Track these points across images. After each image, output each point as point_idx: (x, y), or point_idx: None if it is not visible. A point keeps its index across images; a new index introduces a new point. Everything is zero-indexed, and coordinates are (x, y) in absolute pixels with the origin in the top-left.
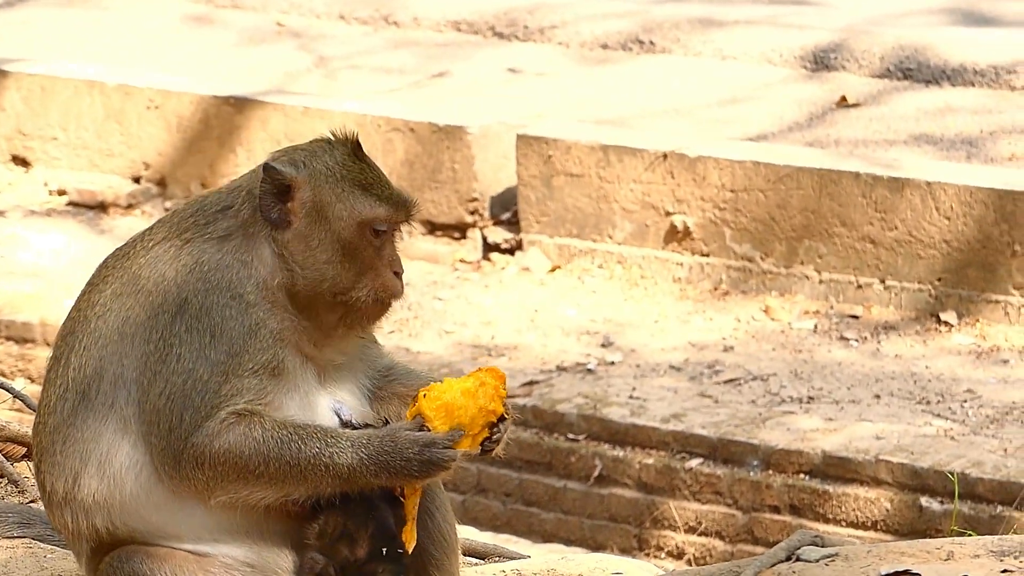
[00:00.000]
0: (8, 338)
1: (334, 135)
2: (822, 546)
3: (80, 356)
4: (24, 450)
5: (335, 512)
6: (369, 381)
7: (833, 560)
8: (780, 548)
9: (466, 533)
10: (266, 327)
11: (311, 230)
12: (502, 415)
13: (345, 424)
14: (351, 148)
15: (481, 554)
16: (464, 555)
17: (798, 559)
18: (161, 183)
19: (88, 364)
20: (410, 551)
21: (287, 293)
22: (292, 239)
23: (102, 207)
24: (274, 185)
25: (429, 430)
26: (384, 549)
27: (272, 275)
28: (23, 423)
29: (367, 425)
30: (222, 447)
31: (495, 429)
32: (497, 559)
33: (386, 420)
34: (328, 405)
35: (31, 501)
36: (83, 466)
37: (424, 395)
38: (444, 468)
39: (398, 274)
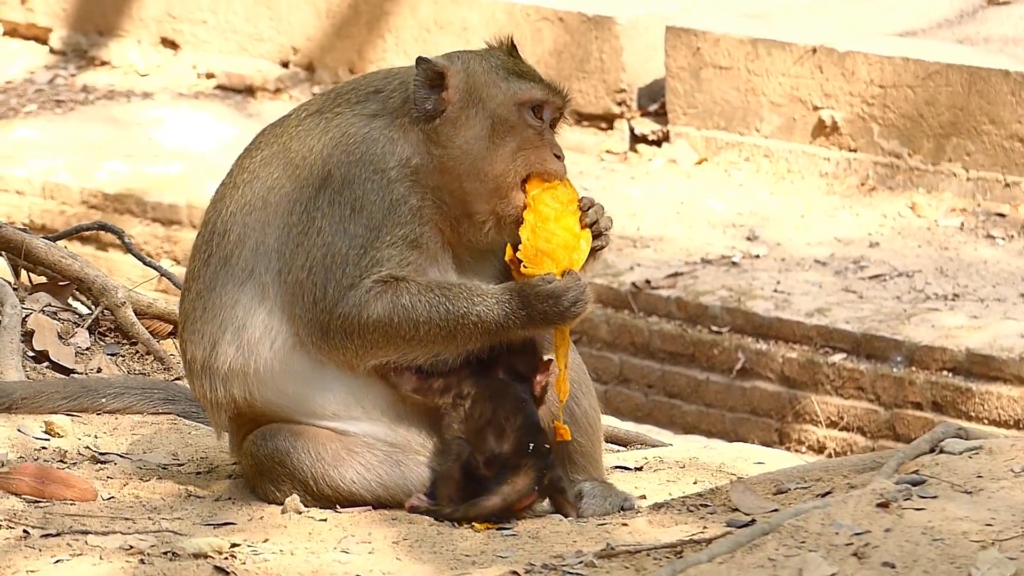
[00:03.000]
0: (155, 219)
1: (489, 45)
2: (966, 439)
3: (225, 222)
4: (170, 328)
5: (483, 394)
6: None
7: (977, 453)
8: (924, 440)
9: (609, 422)
10: (406, 203)
11: (464, 114)
12: (580, 201)
13: None
14: (507, 48)
15: (624, 441)
16: (607, 442)
17: (942, 451)
18: (309, 68)
19: (232, 230)
20: (564, 400)
21: (431, 176)
22: (444, 125)
23: (250, 91)
24: (427, 77)
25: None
26: (531, 444)
27: (415, 155)
28: (169, 302)
29: None
30: (371, 316)
31: (585, 218)
32: (640, 446)
33: None
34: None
35: (177, 378)
36: (221, 333)
37: (522, 265)
38: (583, 307)
39: (558, 156)
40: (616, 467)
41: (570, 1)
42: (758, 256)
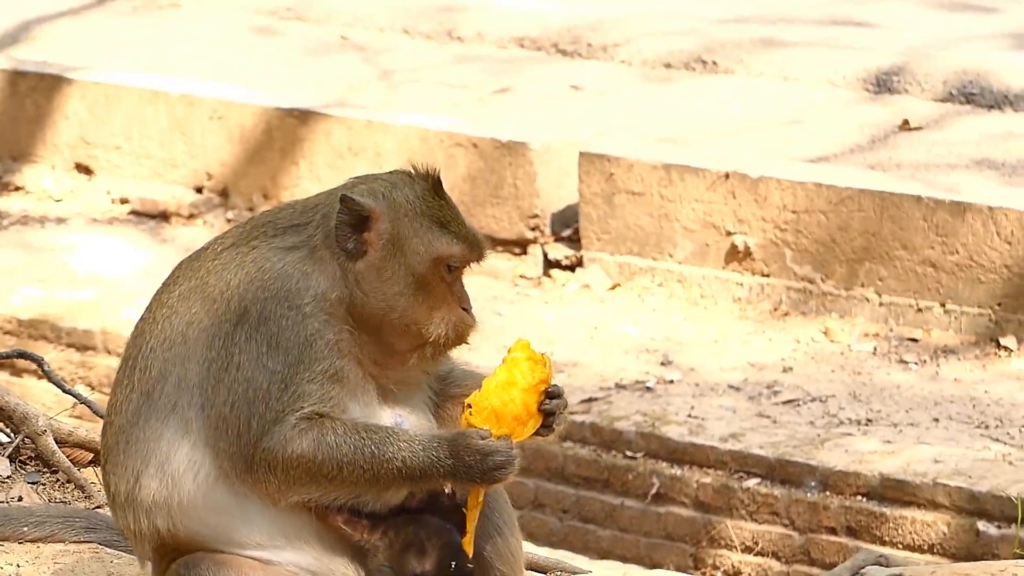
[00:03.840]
0: (69, 345)
1: (415, 169)
2: (886, 566)
3: (146, 358)
4: (91, 456)
5: (407, 522)
6: (430, 390)
7: None
8: (844, 568)
9: (527, 548)
10: (322, 338)
11: (385, 262)
12: (552, 387)
13: None
14: (431, 184)
15: (543, 568)
16: (527, 569)
17: None
18: (223, 193)
19: (153, 366)
20: (470, 556)
21: (348, 310)
22: (365, 269)
23: (164, 216)
24: (352, 216)
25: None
26: (452, 563)
27: (332, 288)
28: (89, 430)
29: None
30: (295, 452)
31: (546, 403)
32: (559, 573)
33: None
34: (390, 418)
35: (98, 506)
36: (144, 466)
37: (470, 411)
38: (506, 474)
39: (466, 310)
40: None
41: (484, 127)
42: (672, 381)
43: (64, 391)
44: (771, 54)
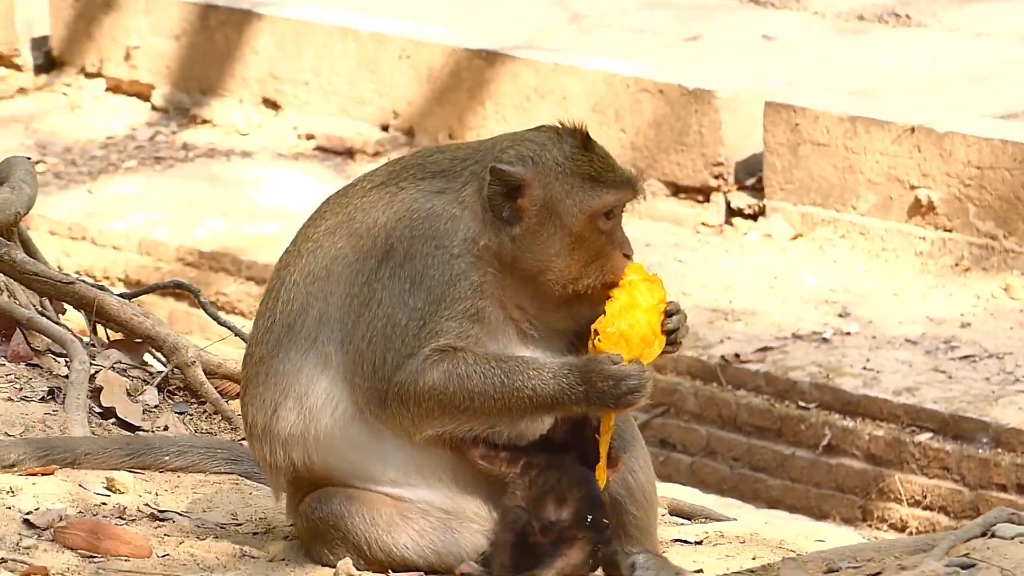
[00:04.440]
0: (249, 278)
1: (562, 125)
2: (1019, 523)
3: (289, 290)
4: (239, 388)
5: (549, 465)
6: (574, 336)
7: None
8: (976, 523)
9: (690, 496)
10: (467, 279)
11: (542, 226)
12: (668, 305)
13: None
14: (580, 140)
15: (688, 515)
16: (670, 515)
17: (993, 535)
18: (409, 132)
19: (296, 299)
20: (603, 485)
21: (496, 255)
22: (522, 234)
23: (349, 153)
24: (504, 185)
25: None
26: (589, 516)
27: (481, 234)
28: (239, 362)
29: None
30: (426, 384)
31: (668, 322)
32: (703, 520)
33: None
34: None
35: (242, 439)
36: (282, 399)
37: (597, 337)
38: (639, 398)
39: (628, 255)
40: (676, 540)
41: (672, 74)
42: (849, 333)
43: (219, 322)
44: (965, 9)
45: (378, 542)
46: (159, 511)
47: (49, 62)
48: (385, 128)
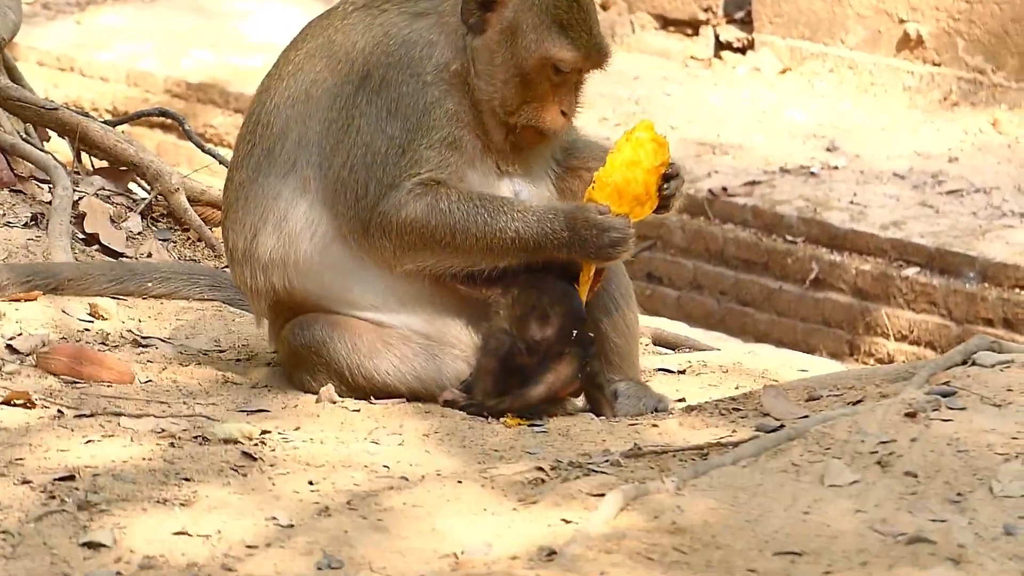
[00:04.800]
0: (237, 110)
1: None
2: (999, 352)
3: (269, 113)
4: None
5: (530, 284)
6: (552, 161)
7: (1009, 366)
8: (956, 351)
9: (677, 329)
10: (441, 107)
11: (499, 47)
12: (670, 168)
13: None
14: None
15: (671, 344)
16: (655, 344)
17: (974, 363)
18: None
19: (275, 122)
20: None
21: (466, 80)
22: (480, 48)
23: None
24: None
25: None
26: (574, 331)
27: (454, 59)
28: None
29: None
30: (409, 216)
31: (665, 187)
32: (687, 350)
33: None
34: (508, 188)
35: (225, 266)
36: (262, 223)
37: (592, 186)
38: (621, 252)
39: (565, 114)
40: (660, 369)
41: None
42: (837, 167)
43: (203, 150)
44: None
45: (360, 368)
46: (142, 337)
47: None
48: None
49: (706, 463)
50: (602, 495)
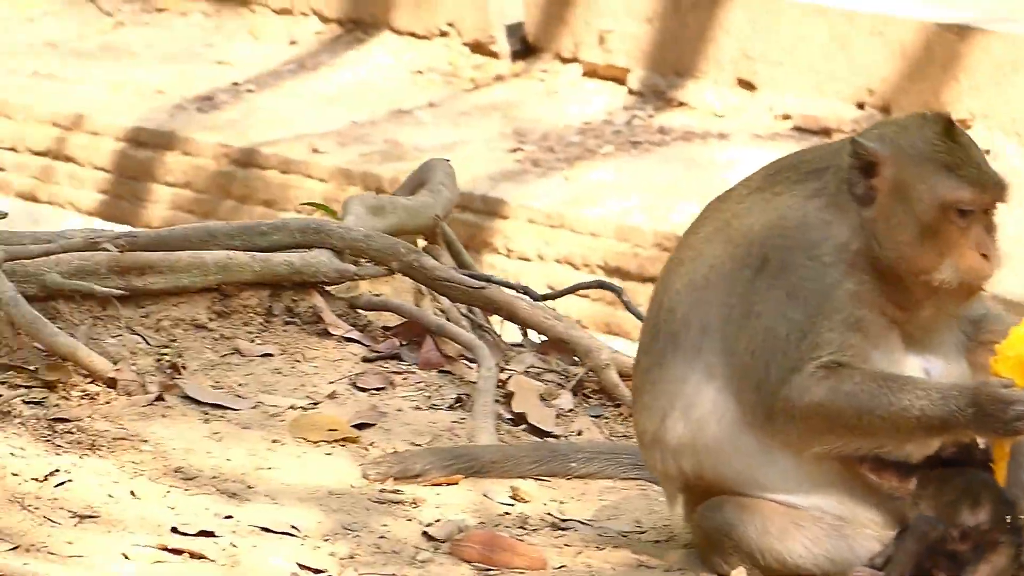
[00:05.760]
0: None
1: (929, 112)
2: None
3: (672, 299)
4: None
5: (953, 473)
6: (962, 335)
7: None
8: None
9: None
10: (842, 288)
11: (893, 209)
12: None
13: None
14: (943, 126)
15: None
16: None
17: None
18: (885, 109)
19: (678, 308)
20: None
21: (868, 259)
22: (875, 216)
23: (826, 132)
24: (859, 160)
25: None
26: (1007, 516)
27: (852, 239)
28: None
29: None
30: (813, 401)
31: None
32: None
33: None
34: (917, 366)
35: None
36: (670, 408)
37: (995, 359)
38: (1022, 428)
39: (987, 256)
40: None
41: None
42: None
43: (642, 320)
44: None
45: (771, 551)
46: (561, 520)
47: (524, 48)
48: (861, 106)
49: None
50: None
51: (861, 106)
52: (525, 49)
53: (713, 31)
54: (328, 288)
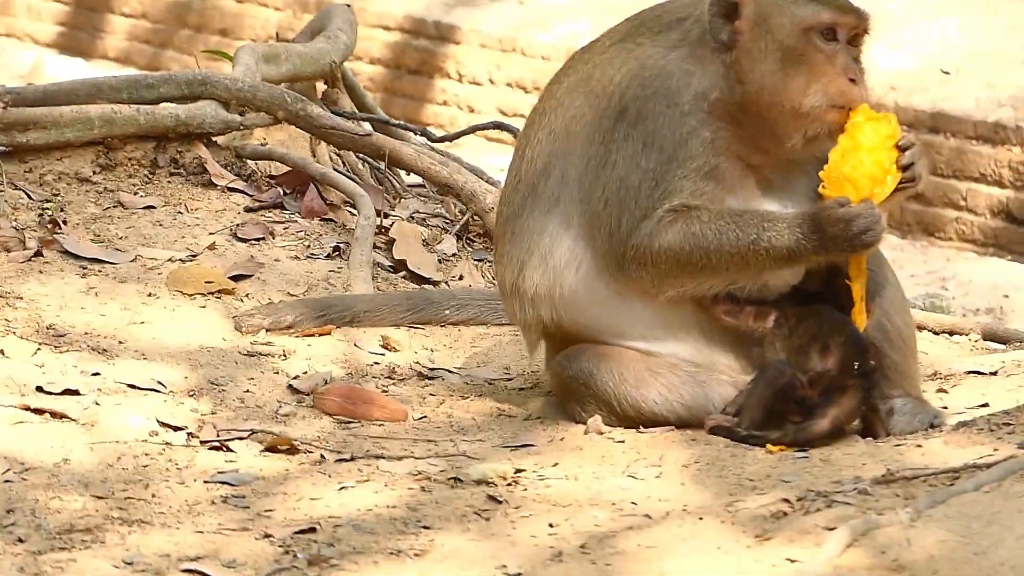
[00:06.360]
0: None
1: None
2: None
3: (533, 148)
4: None
5: (807, 314)
6: (816, 177)
7: None
8: None
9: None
10: (698, 136)
11: (757, 45)
12: (902, 140)
13: None
14: None
15: (1002, 339)
16: (984, 339)
17: None
18: None
19: (539, 159)
20: (862, 330)
21: (727, 108)
22: (739, 55)
23: None
24: (721, 7)
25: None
26: (856, 362)
27: (712, 88)
28: None
29: None
30: (662, 245)
31: (901, 158)
32: (1017, 345)
33: None
34: (775, 209)
35: None
36: (528, 257)
37: (822, 185)
38: (873, 236)
39: (854, 80)
40: (970, 372)
41: None
42: None
43: None
44: None
45: (628, 398)
46: (430, 369)
47: None
48: None
49: (947, 490)
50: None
51: None
52: None
53: None
54: (216, 139)
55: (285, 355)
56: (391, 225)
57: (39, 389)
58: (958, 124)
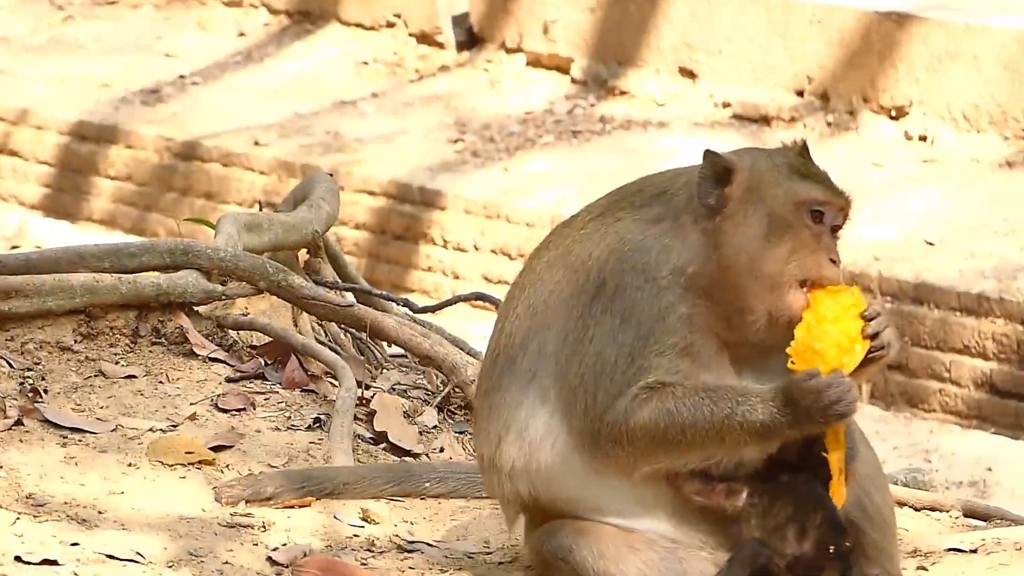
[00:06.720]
0: None
1: (783, 144)
2: None
3: (512, 323)
4: None
5: (782, 491)
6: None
7: None
8: None
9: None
10: (675, 312)
11: (744, 208)
12: (867, 311)
13: None
14: (799, 149)
15: (983, 516)
16: (965, 516)
17: None
18: (823, 97)
19: (517, 333)
20: (839, 506)
21: (703, 279)
22: (723, 221)
23: (765, 120)
24: (714, 170)
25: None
26: (833, 545)
27: (691, 261)
28: None
29: None
30: (637, 423)
31: (867, 328)
32: (999, 522)
33: None
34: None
35: None
36: (504, 432)
37: (791, 361)
38: (845, 407)
39: (834, 262)
40: (950, 549)
41: None
42: None
43: None
44: None
45: (606, 575)
46: (409, 542)
47: (470, 38)
48: (800, 94)
49: None
50: None
51: (800, 94)
52: (471, 39)
53: (655, 20)
54: (198, 308)
55: (265, 527)
56: (372, 396)
57: (18, 559)
58: (942, 295)
